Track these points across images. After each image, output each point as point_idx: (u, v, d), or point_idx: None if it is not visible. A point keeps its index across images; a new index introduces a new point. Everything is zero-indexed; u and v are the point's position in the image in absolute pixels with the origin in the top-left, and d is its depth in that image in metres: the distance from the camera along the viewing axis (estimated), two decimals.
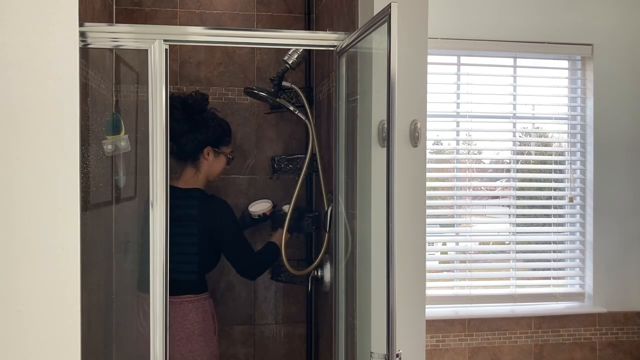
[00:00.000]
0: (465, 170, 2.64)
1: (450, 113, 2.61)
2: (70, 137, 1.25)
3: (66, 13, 1.24)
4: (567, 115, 2.73)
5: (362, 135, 1.56)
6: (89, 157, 1.58)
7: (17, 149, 1.23)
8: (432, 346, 2.52)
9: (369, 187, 1.47)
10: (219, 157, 1.94)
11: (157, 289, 1.44)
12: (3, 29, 1.22)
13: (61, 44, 1.24)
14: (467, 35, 2.55)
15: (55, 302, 1.24)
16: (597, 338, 2.66)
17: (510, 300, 2.62)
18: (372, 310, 1.43)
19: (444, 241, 2.71)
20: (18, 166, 1.23)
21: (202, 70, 2.39)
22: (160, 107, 1.45)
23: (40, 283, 1.23)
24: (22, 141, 1.23)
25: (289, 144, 2.45)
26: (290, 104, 2.14)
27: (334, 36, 1.62)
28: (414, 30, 1.49)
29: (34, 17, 1.23)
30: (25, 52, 1.23)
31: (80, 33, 1.39)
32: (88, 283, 1.50)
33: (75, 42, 1.25)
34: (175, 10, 2.36)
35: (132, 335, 1.92)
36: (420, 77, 1.50)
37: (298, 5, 2.44)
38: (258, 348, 2.44)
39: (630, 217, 2.68)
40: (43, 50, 1.23)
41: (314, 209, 2.34)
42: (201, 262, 1.87)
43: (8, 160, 1.22)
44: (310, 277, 2.09)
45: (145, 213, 1.51)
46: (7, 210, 1.22)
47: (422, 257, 1.52)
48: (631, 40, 2.68)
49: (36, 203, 1.23)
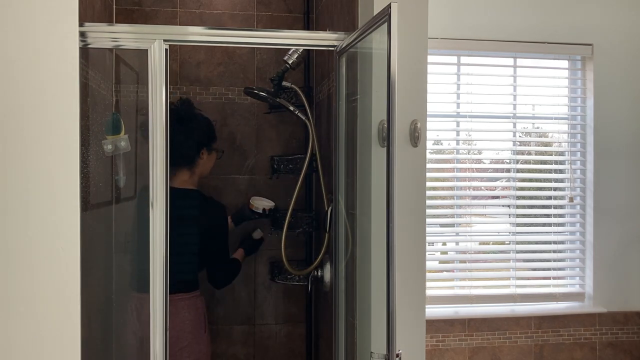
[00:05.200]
0: (465, 170, 2.64)
1: (450, 113, 2.61)
2: (70, 137, 1.25)
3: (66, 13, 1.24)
4: (567, 115, 2.73)
5: (362, 135, 1.56)
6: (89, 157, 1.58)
7: (17, 148, 1.23)
8: (432, 346, 2.52)
9: (369, 187, 1.47)
10: (211, 154, 2.00)
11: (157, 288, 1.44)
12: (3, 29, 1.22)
13: (61, 44, 1.24)
14: (467, 35, 2.55)
15: (55, 302, 1.24)
16: (597, 338, 2.66)
17: (510, 300, 2.62)
18: (372, 310, 1.43)
19: (444, 241, 2.71)
20: (18, 166, 1.23)
21: (202, 70, 2.39)
22: (160, 107, 1.45)
23: (40, 283, 1.23)
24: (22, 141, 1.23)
25: (289, 144, 2.45)
26: (290, 104, 2.14)
27: (334, 36, 1.62)
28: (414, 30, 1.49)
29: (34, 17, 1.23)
30: (25, 52, 1.23)
31: (80, 33, 1.38)
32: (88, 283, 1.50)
33: (75, 42, 1.25)
34: (175, 10, 2.35)
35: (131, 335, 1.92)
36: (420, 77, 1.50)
37: (298, 5, 2.44)
38: (258, 348, 2.44)
39: (630, 217, 2.68)
40: (43, 50, 1.23)
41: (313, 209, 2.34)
42: (193, 261, 1.90)
43: (8, 160, 1.22)
44: (310, 277, 2.09)
45: (138, 211, 1.52)
46: (7, 210, 1.22)
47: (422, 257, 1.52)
48: (631, 40, 2.68)
49: (36, 203, 1.23)
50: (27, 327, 1.23)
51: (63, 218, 1.24)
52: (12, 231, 1.22)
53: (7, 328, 1.22)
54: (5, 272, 1.22)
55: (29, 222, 1.23)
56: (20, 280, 1.23)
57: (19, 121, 1.23)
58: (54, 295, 1.24)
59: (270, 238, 2.33)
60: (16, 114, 1.22)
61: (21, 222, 1.23)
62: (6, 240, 1.22)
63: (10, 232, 1.22)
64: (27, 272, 1.23)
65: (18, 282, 1.23)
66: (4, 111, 1.22)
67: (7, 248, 1.22)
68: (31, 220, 1.23)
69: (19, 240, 1.22)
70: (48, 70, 1.24)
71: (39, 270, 1.23)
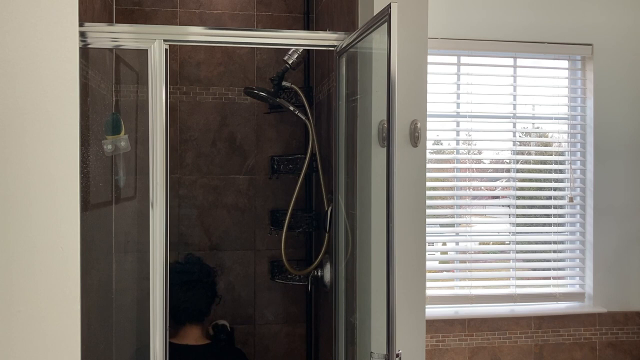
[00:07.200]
0: (465, 170, 2.64)
1: (450, 113, 2.61)
2: (70, 137, 1.25)
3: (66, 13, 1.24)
4: (567, 115, 2.73)
5: (362, 135, 1.56)
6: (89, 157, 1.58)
7: (17, 148, 1.23)
8: (432, 346, 2.52)
9: (369, 187, 1.47)
10: (216, 302, 2.01)
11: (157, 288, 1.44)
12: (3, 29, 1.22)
13: (61, 44, 1.24)
14: (467, 35, 2.55)
15: (55, 302, 1.24)
16: (597, 338, 2.66)
17: (510, 300, 2.62)
18: (372, 310, 1.43)
19: (444, 241, 2.71)
20: (18, 166, 1.23)
21: (202, 70, 2.39)
22: (160, 107, 1.45)
23: (40, 283, 1.23)
24: (22, 141, 1.23)
25: (288, 144, 2.45)
26: (290, 104, 2.14)
27: (334, 36, 1.62)
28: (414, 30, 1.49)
29: (34, 17, 1.23)
30: (25, 52, 1.23)
31: (80, 33, 1.39)
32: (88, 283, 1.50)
33: (75, 42, 1.25)
34: (175, 10, 2.36)
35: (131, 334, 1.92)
36: (420, 77, 1.50)
37: (298, 5, 2.44)
38: (258, 348, 2.44)
39: (630, 217, 2.68)
40: (43, 50, 1.23)
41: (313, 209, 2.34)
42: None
43: (8, 160, 1.22)
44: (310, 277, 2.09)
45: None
46: (7, 210, 1.22)
47: (422, 257, 1.52)
48: (631, 40, 2.68)
49: (36, 203, 1.23)
50: (27, 327, 1.23)
51: (63, 218, 1.24)
52: (12, 231, 1.22)
53: (7, 328, 1.22)
54: (6, 272, 1.22)
55: (29, 222, 1.23)
56: (20, 280, 1.23)
57: (19, 121, 1.23)
58: (54, 295, 1.24)
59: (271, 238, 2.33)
60: (16, 114, 1.22)
61: (21, 222, 1.23)
62: (6, 240, 1.22)
63: (10, 232, 1.22)
64: (27, 272, 1.23)
65: (18, 282, 1.23)
66: (4, 111, 1.22)
67: (7, 248, 1.22)
68: (31, 220, 1.23)
69: (19, 240, 1.22)
70: (48, 70, 1.24)
71: (39, 270, 1.23)
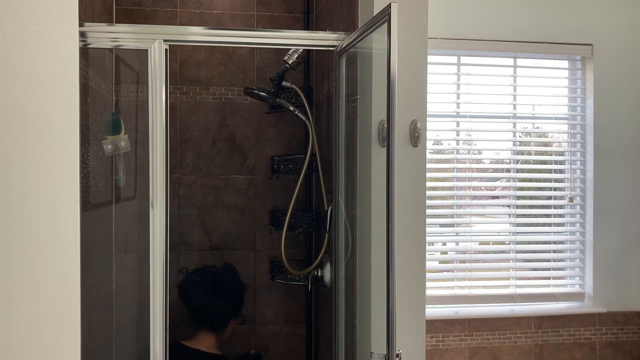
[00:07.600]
0: (465, 170, 2.64)
1: (450, 113, 2.61)
2: (70, 137, 1.25)
3: (66, 13, 1.24)
4: (567, 115, 2.73)
5: (362, 135, 1.56)
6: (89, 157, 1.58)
7: (17, 148, 1.23)
8: (432, 346, 2.52)
9: (369, 187, 1.47)
10: (237, 319, 2.03)
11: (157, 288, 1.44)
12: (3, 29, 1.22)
13: (61, 44, 1.24)
14: (467, 35, 2.55)
15: (55, 302, 1.24)
16: (597, 338, 2.66)
17: (510, 300, 2.62)
18: (372, 310, 1.43)
19: (444, 241, 2.71)
20: (18, 166, 1.23)
21: (202, 70, 2.39)
22: (160, 107, 1.45)
23: (40, 283, 1.23)
24: (22, 141, 1.23)
25: (288, 144, 2.45)
26: (290, 104, 2.14)
27: (334, 36, 1.62)
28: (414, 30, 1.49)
29: (33, 17, 1.23)
30: (25, 52, 1.23)
31: (80, 33, 1.39)
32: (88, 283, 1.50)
33: (75, 42, 1.25)
34: (175, 10, 2.35)
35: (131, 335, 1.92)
36: (420, 77, 1.50)
37: (298, 5, 2.44)
38: (258, 348, 2.44)
39: (630, 217, 2.68)
40: (43, 50, 1.23)
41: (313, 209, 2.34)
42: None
43: (8, 160, 1.22)
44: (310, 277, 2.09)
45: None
46: (7, 210, 1.22)
47: (422, 257, 1.52)
48: (631, 40, 2.68)
49: (36, 203, 1.23)
50: (27, 327, 1.23)
51: (63, 218, 1.24)
52: (12, 231, 1.22)
53: (7, 328, 1.22)
54: (6, 271, 1.22)
55: (29, 222, 1.23)
56: (20, 280, 1.23)
57: (19, 121, 1.23)
58: (54, 295, 1.24)
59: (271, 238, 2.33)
60: (16, 114, 1.22)
61: (21, 222, 1.23)
62: (6, 240, 1.22)
63: (10, 232, 1.22)
64: (27, 272, 1.23)
65: (18, 282, 1.23)
66: (4, 111, 1.22)
67: (7, 248, 1.22)
68: (31, 220, 1.23)
69: (19, 240, 1.22)
70: (48, 70, 1.24)
71: (39, 270, 1.23)
